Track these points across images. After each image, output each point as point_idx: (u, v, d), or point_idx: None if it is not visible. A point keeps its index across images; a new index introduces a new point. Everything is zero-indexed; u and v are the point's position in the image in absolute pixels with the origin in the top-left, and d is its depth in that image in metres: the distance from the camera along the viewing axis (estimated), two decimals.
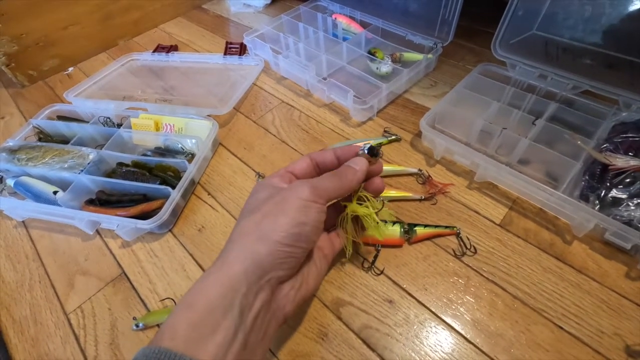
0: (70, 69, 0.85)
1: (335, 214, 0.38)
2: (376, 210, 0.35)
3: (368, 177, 0.36)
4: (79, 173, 0.52)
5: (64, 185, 0.51)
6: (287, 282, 0.30)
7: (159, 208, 0.47)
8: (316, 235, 0.30)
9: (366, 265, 0.43)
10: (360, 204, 0.35)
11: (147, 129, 0.60)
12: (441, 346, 0.37)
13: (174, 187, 0.49)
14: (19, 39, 0.75)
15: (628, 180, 0.42)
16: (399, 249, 0.45)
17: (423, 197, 0.49)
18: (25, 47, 0.76)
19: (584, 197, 0.44)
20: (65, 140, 0.60)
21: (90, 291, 0.45)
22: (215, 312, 0.25)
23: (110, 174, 0.54)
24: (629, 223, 0.40)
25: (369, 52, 0.70)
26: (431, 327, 0.38)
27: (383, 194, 0.49)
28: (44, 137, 0.62)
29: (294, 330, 0.39)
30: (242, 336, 0.26)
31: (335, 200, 0.36)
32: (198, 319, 0.25)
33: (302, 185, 0.30)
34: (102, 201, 0.50)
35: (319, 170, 0.36)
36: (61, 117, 0.66)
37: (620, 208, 0.41)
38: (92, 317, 0.43)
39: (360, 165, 0.33)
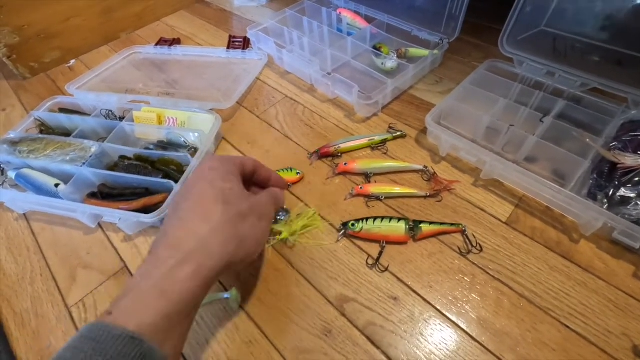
0: (72, 61, 0.84)
1: None
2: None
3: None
4: (81, 166, 0.51)
5: (65, 178, 0.51)
6: None
7: (162, 202, 0.46)
8: None
9: (370, 262, 0.43)
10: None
11: (150, 123, 0.59)
12: (446, 344, 0.36)
13: (176, 181, 0.48)
14: (20, 30, 0.74)
15: (637, 179, 0.42)
16: (404, 246, 0.44)
17: (428, 194, 0.48)
18: (27, 38, 0.76)
19: (591, 196, 0.43)
20: (67, 133, 0.59)
21: (92, 285, 0.45)
22: (189, 305, 0.26)
23: (113, 167, 0.54)
24: (637, 222, 0.39)
25: (374, 47, 0.69)
26: (436, 325, 0.38)
27: (388, 190, 0.49)
28: (45, 129, 0.62)
29: (298, 326, 0.39)
30: (187, 325, 0.28)
31: None
32: (173, 310, 0.25)
33: (272, 209, 0.36)
34: (104, 194, 0.50)
35: (250, 176, 0.39)
36: (63, 110, 0.65)
37: (628, 207, 0.40)
38: (94, 311, 0.42)
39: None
